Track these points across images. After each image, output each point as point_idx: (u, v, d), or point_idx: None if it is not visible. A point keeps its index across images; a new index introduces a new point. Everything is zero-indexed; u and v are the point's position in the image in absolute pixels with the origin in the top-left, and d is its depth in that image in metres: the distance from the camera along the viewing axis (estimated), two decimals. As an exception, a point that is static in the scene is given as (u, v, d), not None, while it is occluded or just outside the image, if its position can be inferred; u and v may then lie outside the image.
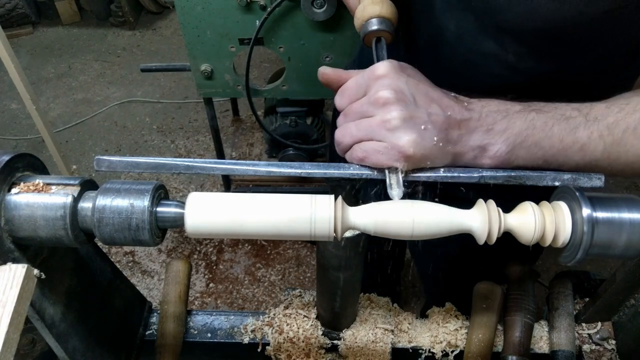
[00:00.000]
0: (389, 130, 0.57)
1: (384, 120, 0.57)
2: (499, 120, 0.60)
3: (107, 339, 0.73)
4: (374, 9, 0.70)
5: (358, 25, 0.72)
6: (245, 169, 0.59)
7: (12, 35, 3.43)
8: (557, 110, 0.60)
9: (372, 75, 0.60)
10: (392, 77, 0.59)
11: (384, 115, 0.57)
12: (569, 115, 0.59)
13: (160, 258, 2.27)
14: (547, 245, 0.54)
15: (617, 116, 0.58)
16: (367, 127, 0.58)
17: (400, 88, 0.58)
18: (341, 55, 1.60)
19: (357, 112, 0.60)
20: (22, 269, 0.49)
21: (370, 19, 0.70)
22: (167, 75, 3.15)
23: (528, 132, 0.59)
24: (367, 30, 0.70)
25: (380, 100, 0.58)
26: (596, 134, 0.58)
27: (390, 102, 0.57)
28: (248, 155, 2.60)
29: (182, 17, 1.54)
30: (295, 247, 2.30)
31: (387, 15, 0.70)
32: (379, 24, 0.70)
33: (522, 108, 0.60)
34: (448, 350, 0.80)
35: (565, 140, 0.59)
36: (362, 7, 0.71)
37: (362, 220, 0.53)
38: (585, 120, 0.59)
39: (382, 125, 0.57)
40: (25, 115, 2.75)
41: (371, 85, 0.60)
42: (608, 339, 0.79)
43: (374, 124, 0.58)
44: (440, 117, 0.58)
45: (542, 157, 0.60)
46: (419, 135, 0.57)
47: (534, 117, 0.59)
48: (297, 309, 0.82)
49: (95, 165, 0.59)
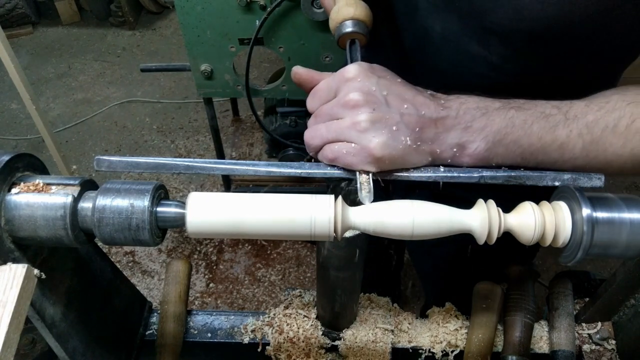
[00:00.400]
0: (359, 132, 0.57)
1: (354, 122, 0.57)
2: (478, 117, 0.59)
3: (107, 339, 0.73)
4: (348, 11, 0.69)
5: (333, 27, 0.72)
6: (245, 169, 0.59)
7: (12, 35, 3.43)
8: (536, 108, 0.60)
9: (342, 78, 0.60)
10: (362, 79, 0.58)
11: (353, 117, 0.57)
12: (549, 113, 0.59)
13: (160, 258, 2.27)
14: (547, 245, 0.54)
15: (597, 114, 0.58)
16: (337, 129, 0.58)
17: (371, 90, 0.58)
18: (341, 55, 1.59)
19: (327, 114, 0.60)
20: (22, 269, 0.49)
21: (345, 21, 0.70)
22: (167, 75, 3.15)
23: (507, 130, 0.59)
24: (341, 33, 0.70)
25: (350, 103, 0.57)
26: (575, 132, 0.58)
27: (360, 104, 0.57)
28: (248, 155, 2.60)
29: (182, 17, 1.54)
30: (295, 247, 2.30)
31: (361, 17, 0.69)
32: (352, 26, 0.69)
33: (502, 105, 0.60)
34: (448, 350, 0.80)
35: (544, 139, 0.59)
36: (337, 9, 0.71)
37: (362, 220, 0.53)
38: (565, 118, 0.59)
39: (352, 127, 0.57)
40: (25, 115, 2.75)
41: (341, 87, 0.59)
42: (608, 339, 0.79)
43: (344, 125, 0.58)
44: (414, 117, 0.58)
45: (521, 154, 0.60)
46: (389, 136, 0.57)
47: (513, 114, 0.59)
48: (297, 309, 0.82)
49: (95, 165, 0.59)
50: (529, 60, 0.68)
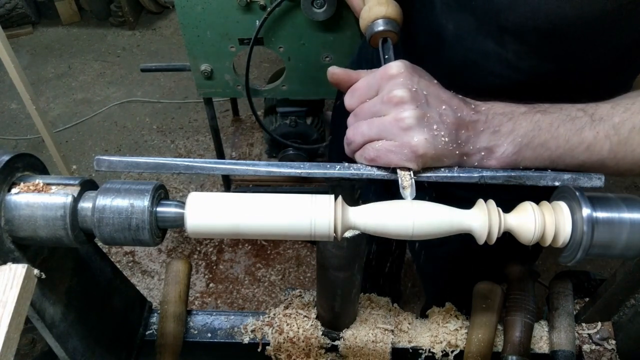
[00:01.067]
0: (402, 129, 0.57)
1: (397, 118, 0.57)
2: (505, 122, 0.60)
3: (107, 339, 0.73)
4: (380, 9, 0.70)
5: (364, 26, 0.72)
6: (245, 169, 0.59)
7: (12, 35, 3.42)
8: (562, 111, 0.60)
9: (385, 75, 0.60)
10: (405, 77, 0.59)
11: (397, 113, 0.57)
12: (575, 115, 0.60)
13: (160, 258, 2.27)
14: (547, 245, 0.54)
15: (623, 116, 0.58)
16: (379, 126, 0.58)
17: (414, 87, 0.58)
18: (341, 55, 1.60)
19: (369, 112, 0.60)
20: (22, 269, 0.49)
21: (377, 20, 0.70)
22: (167, 75, 3.15)
23: (534, 133, 0.59)
24: (374, 31, 0.70)
25: (394, 99, 0.57)
26: (602, 134, 0.58)
27: (405, 100, 0.57)
28: (248, 155, 2.60)
29: (182, 17, 1.54)
30: (295, 247, 2.30)
31: (393, 15, 0.70)
32: (385, 25, 0.70)
33: (527, 110, 0.61)
34: (448, 350, 0.80)
35: (571, 141, 0.59)
36: (368, 8, 0.71)
37: (362, 220, 0.53)
38: (591, 120, 0.59)
39: (395, 123, 0.57)
40: (25, 115, 2.75)
41: (383, 85, 0.59)
42: (608, 339, 0.79)
43: (386, 122, 0.57)
44: (451, 118, 0.58)
45: (549, 157, 0.60)
46: (431, 135, 0.57)
47: (539, 118, 0.60)
48: (297, 309, 0.82)
49: (95, 165, 0.59)
50: (544, 57, 0.68)
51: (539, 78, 0.71)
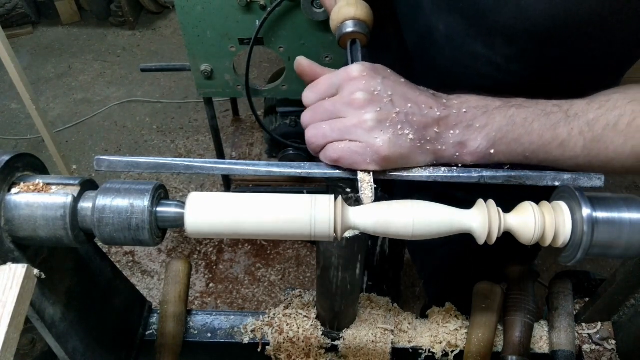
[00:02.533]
0: (365, 131, 0.57)
1: (360, 121, 0.57)
2: (479, 116, 0.59)
3: (107, 339, 0.73)
4: (349, 11, 0.69)
5: (333, 27, 0.72)
6: (245, 169, 0.59)
7: (12, 35, 3.42)
8: (537, 106, 0.60)
9: (346, 76, 0.59)
10: (366, 79, 0.58)
11: (360, 116, 0.57)
12: (549, 111, 0.59)
13: (160, 258, 2.27)
14: (547, 245, 0.54)
15: (598, 113, 0.58)
16: (341, 128, 0.58)
17: (376, 89, 0.58)
18: (341, 55, 1.59)
19: (328, 111, 0.60)
20: (22, 269, 0.49)
21: (346, 21, 0.70)
22: (167, 75, 3.15)
23: (508, 128, 0.59)
24: (342, 32, 0.70)
25: (355, 102, 0.57)
26: (576, 131, 0.58)
27: (366, 103, 0.57)
28: (248, 155, 2.60)
29: (182, 17, 1.54)
30: (295, 247, 2.30)
31: (362, 17, 0.69)
32: (354, 26, 0.69)
33: (502, 104, 0.60)
34: (448, 350, 0.80)
35: (545, 137, 0.59)
36: (338, 9, 0.71)
37: (362, 220, 0.53)
38: (566, 116, 0.59)
39: (358, 125, 0.57)
40: (25, 115, 2.75)
41: (344, 86, 0.59)
42: (608, 339, 0.79)
43: (349, 124, 0.57)
44: (417, 116, 0.58)
45: (522, 153, 0.60)
46: (395, 135, 0.57)
47: (514, 113, 0.59)
48: (297, 309, 0.82)
49: (95, 165, 0.59)
50: (533, 60, 0.68)
51: (528, 80, 0.70)
